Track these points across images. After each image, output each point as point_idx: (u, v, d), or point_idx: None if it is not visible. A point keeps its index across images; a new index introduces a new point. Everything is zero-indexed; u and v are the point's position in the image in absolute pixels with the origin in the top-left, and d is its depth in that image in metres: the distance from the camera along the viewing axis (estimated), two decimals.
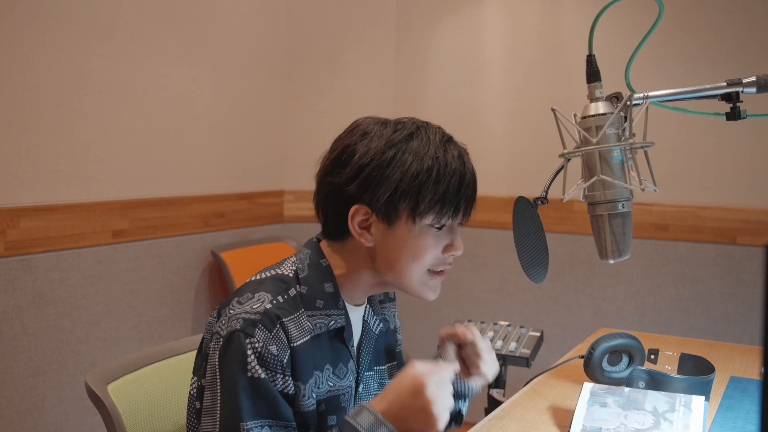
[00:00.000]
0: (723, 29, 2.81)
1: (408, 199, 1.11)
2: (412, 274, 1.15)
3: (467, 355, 1.27)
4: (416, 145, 1.12)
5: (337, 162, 1.16)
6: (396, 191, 1.11)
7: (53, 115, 2.35)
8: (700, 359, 1.51)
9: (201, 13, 2.90)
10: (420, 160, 1.11)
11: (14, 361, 2.26)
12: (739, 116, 1.20)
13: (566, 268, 3.13)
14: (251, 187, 3.28)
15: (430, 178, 1.11)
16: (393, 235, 1.13)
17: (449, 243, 1.17)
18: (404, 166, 1.11)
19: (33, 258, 2.31)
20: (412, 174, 1.11)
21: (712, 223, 2.87)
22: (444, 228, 1.15)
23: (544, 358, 2.92)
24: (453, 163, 1.13)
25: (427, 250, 1.14)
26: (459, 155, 1.15)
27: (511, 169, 3.24)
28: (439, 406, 1.02)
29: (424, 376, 1.03)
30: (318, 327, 1.13)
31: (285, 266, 1.18)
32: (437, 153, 1.12)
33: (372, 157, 1.12)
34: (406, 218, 1.12)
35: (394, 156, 1.11)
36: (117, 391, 1.25)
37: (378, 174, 1.11)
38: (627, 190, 1.21)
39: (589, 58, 1.24)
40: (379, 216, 1.13)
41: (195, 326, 2.95)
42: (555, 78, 3.11)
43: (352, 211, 1.13)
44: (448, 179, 1.12)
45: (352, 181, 1.13)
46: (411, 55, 3.45)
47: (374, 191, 1.12)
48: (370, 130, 1.15)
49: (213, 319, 1.15)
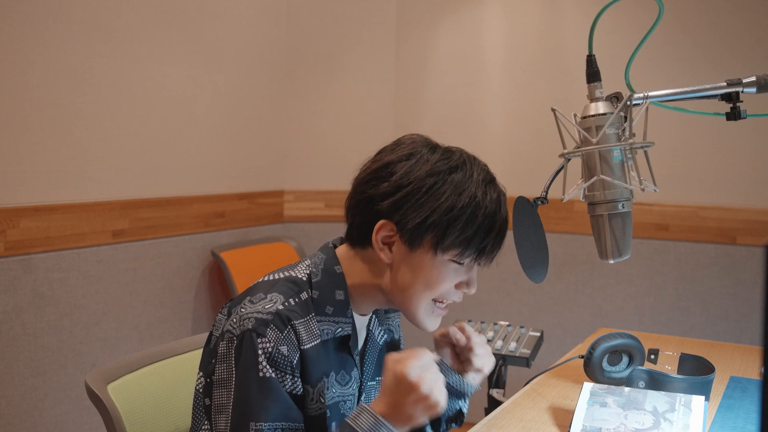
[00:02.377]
0: (723, 29, 2.81)
1: (435, 231, 1.11)
2: (420, 301, 1.15)
3: (461, 351, 1.28)
4: (458, 178, 1.12)
5: (377, 175, 1.15)
6: (425, 220, 1.11)
7: (53, 115, 2.35)
8: (700, 359, 1.51)
9: (201, 13, 2.90)
10: (458, 196, 1.11)
11: (14, 361, 2.26)
12: (739, 116, 1.20)
13: (566, 268, 3.13)
14: (251, 187, 3.28)
15: (462, 216, 1.11)
16: (413, 259, 1.13)
17: (465, 281, 1.17)
18: (441, 198, 1.11)
19: (33, 258, 2.31)
20: (447, 208, 1.11)
21: (712, 223, 2.87)
22: (464, 266, 1.15)
23: (544, 358, 2.92)
24: (489, 207, 1.13)
25: (442, 283, 1.14)
26: (497, 198, 1.15)
27: (511, 169, 3.24)
28: (427, 386, 1.02)
29: (402, 364, 1.03)
30: (325, 333, 1.14)
31: (299, 269, 1.18)
32: (477, 191, 1.12)
33: (412, 181, 1.12)
34: (429, 247, 1.12)
35: (433, 185, 1.11)
36: (117, 391, 1.25)
37: (413, 198, 1.11)
38: (627, 190, 1.21)
39: (589, 58, 1.24)
40: (403, 237, 1.13)
41: (195, 326, 2.95)
42: (555, 78, 3.11)
43: (378, 226, 1.14)
44: (480, 221, 1.12)
45: (386, 197, 1.13)
46: (411, 55, 3.45)
47: (405, 213, 1.12)
48: (417, 152, 1.15)
49: (223, 316, 1.15)
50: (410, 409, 1.03)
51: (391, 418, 1.04)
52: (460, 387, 1.28)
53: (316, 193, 3.49)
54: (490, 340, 2.03)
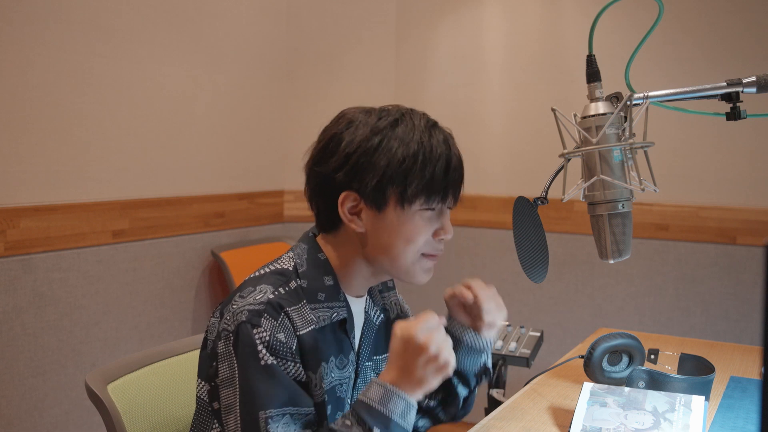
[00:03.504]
0: (723, 29, 2.81)
1: (395, 185, 1.12)
2: (406, 257, 1.16)
3: (471, 309, 1.28)
4: (401, 131, 1.14)
5: (324, 151, 1.17)
6: (383, 177, 1.12)
7: (53, 115, 2.35)
8: (700, 359, 1.51)
9: (201, 13, 2.90)
10: (406, 146, 1.12)
11: (14, 361, 2.26)
12: (739, 116, 1.20)
13: (566, 268, 3.13)
14: (251, 187, 3.28)
15: (416, 163, 1.12)
16: (383, 220, 1.14)
17: (439, 227, 1.17)
18: (390, 152, 1.12)
19: (33, 258, 2.31)
20: (399, 159, 1.12)
21: (712, 223, 2.87)
22: (434, 212, 1.16)
23: (544, 358, 2.92)
24: (439, 148, 1.14)
25: (419, 234, 1.15)
26: (444, 140, 1.16)
27: (511, 169, 3.24)
28: (435, 346, 1.03)
29: (410, 329, 1.04)
30: (321, 319, 1.14)
31: (283, 261, 1.19)
32: (422, 138, 1.13)
33: (358, 145, 1.13)
34: (395, 204, 1.13)
35: (380, 143, 1.12)
36: (117, 391, 1.25)
37: (365, 161, 1.12)
38: (627, 190, 1.21)
39: (589, 58, 1.24)
40: (368, 202, 1.14)
41: (195, 326, 2.95)
42: (555, 78, 3.11)
43: (341, 198, 1.14)
44: (434, 163, 1.13)
45: (339, 169, 1.14)
46: (411, 55, 3.45)
47: (362, 178, 1.13)
48: (356, 119, 1.16)
49: (215, 319, 1.15)
50: (421, 372, 1.03)
51: (402, 384, 1.04)
52: (477, 343, 1.28)
53: None
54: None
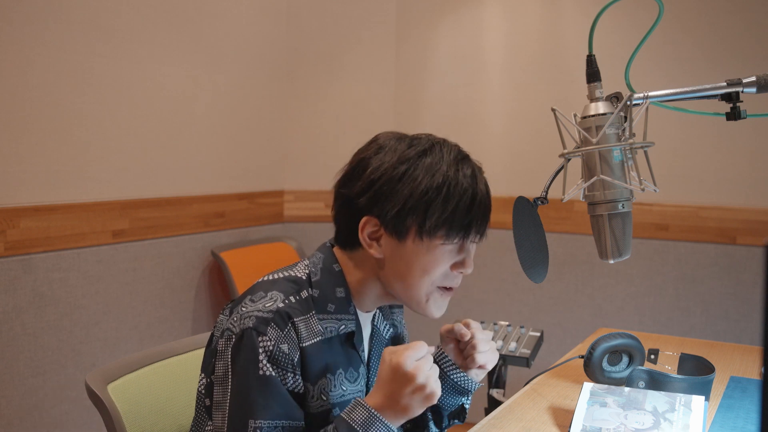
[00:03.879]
0: (723, 29, 2.81)
1: (416, 216, 1.11)
2: (421, 289, 1.15)
3: (465, 347, 1.27)
4: (429, 161, 1.12)
5: (352, 174, 1.16)
6: (404, 207, 1.11)
7: (53, 115, 2.35)
8: (700, 359, 1.51)
9: (201, 13, 2.90)
10: (431, 177, 1.11)
11: (14, 361, 2.26)
12: (739, 116, 1.20)
13: (566, 268, 3.13)
14: (251, 187, 3.28)
15: (439, 195, 1.10)
16: (403, 249, 1.13)
17: (459, 261, 1.16)
18: (414, 182, 1.11)
19: (33, 258, 2.31)
20: (421, 191, 1.10)
21: (712, 223, 2.87)
22: (455, 246, 1.15)
23: (544, 358, 2.92)
24: (464, 182, 1.12)
25: (436, 267, 1.14)
26: (472, 174, 1.14)
27: (511, 169, 3.24)
28: (423, 376, 1.03)
29: (398, 357, 1.04)
30: (329, 331, 1.14)
31: (298, 268, 1.19)
32: (449, 171, 1.12)
33: (384, 172, 1.12)
34: (415, 234, 1.12)
35: (405, 171, 1.11)
36: (117, 391, 1.25)
37: (388, 188, 1.11)
38: (627, 190, 1.21)
39: (589, 58, 1.24)
40: (388, 230, 1.13)
41: (195, 326, 2.95)
42: (555, 78, 3.11)
43: (362, 223, 1.14)
44: (458, 198, 1.11)
45: (363, 193, 1.13)
46: (411, 55, 3.45)
47: (383, 205, 1.12)
48: (386, 145, 1.15)
49: (224, 316, 1.15)
50: (407, 400, 1.03)
51: (386, 411, 1.04)
52: (463, 383, 1.28)
53: (316, 193, 3.49)
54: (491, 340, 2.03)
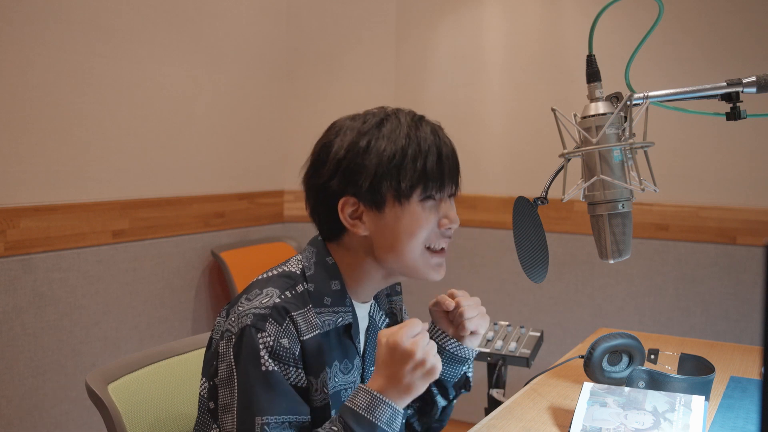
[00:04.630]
0: (723, 29, 2.81)
1: (390, 182, 1.13)
2: (413, 253, 1.16)
3: (454, 317, 1.28)
4: (388, 129, 1.14)
5: (317, 162, 1.18)
6: (376, 176, 1.12)
7: (53, 115, 2.35)
8: (700, 359, 1.51)
9: (201, 13, 2.90)
10: (394, 142, 1.13)
11: (14, 361, 2.26)
12: (739, 116, 1.20)
13: (566, 268, 3.13)
14: (251, 187, 3.28)
15: (406, 156, 1.13)
16: (384, 219, 1.14)
17: (443, 215, 1.17)
18: (379, 151, 1.13)
19: (33, 258, 2.31)
20: (388, 156, 1.12)
21: (712, 223, 2.87)
22: (434, 201, 1.16)
23: (544, 358, 2.92)
24: (427, 139, 1.15)
25: (421, 227, 1.15)
26: (432, 131, 1.17)
27: (511, 169, 3.24)
28: (421, 352, 1.03)
29: (394, 336, 1.04)
30: (327, 324, 1.14)
31: (291, 264, 1.20)
32: (409, 132, 1.14)
33: (347, 149, 1.14)
34: (393, 201, 1.14)
35: (368, 143, 1.13)
36: (117, 391, 1.25)
37: (355, 164, 1.13)
38: (627, 190, 1.21)
39: (589, 58, 1.24)
40: (366, 204, 1.14)
41: (195, 326, 2.95)
42: (555, 78, 3.11)
43: (340, 205, 1.15)
44: (424, 155, 1.13)
45: (333, 176, 1.15)
46: (411, 55, 3.45)
47: (355, 181, 1.13)
48: (343, 126, 1.17)
49: (222, 318, 1.16)
50: (408, 378, 1.04)
51: (389, 392, 1.04)
52: (459, 352, 1.28)
53: None
54: (490, 340, 2.03)
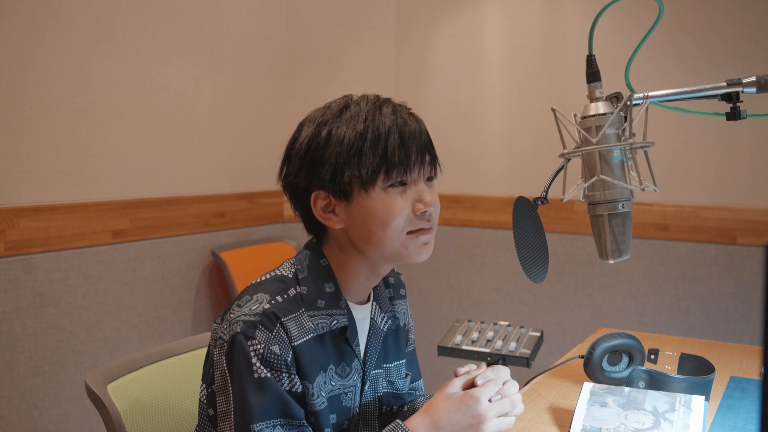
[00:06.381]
0: (723, 29, 2.81)
1: (351, 170, 1.09)
2: (390, 242, 1.11)
3: None
4: (348, 115, 1.11)
5: (286, 160, 1.17)
6: (337, 165, 1.09)
7: (53, 115, 2.35)
8: (700, 359, 1.51)
9: (201, 13, 2.90)
10: (353, 129, 1.09)
11: (14, 361, 2.26)
12: (739, 116, 1.20)
13: (566, 268, 3.13)
14: (251, 187, 3.28)
15: (365, 141, 1.08)
16: (355, 209, 1.11)
17: (416, 200, 1.12)
18: (339, 139, 1.09)
19: (33, 258, 2.31)
20: (348, 144, 1.09)
21: (712, 223, 2.87)
22: (404, 187, 1.12)
23: (544, 358, 2.92)
24: (387, 121, 1.10)
25: (394, 214, 1.10)
26: (393, 111, 1.12)
27: (511, 169, 3.24)
28: (489, 426, 1.05)
29: (477, 392, 1.05)
30: (320, 327, 1.12)
31: (284, 267, 1.18)
32: (368, 116, 1.10)
33: (309, 143, 1.12)
34: (359, 189, 1.10)
35: (328, 133, 1.10)
36: (117, 391, 1.25)
37: (317, 156, 1.11)
38: (627, 190, 1.21)
39: (589, 58, 1.24)
40: (335, 196, 1.11)
41: (195, 326, 2.95)
42: (555, 78, 3.11)
43: (312, 200, 1.13)
44: (384, 137, 1.09)
45: (299, 172, 1.13)
46: (411, 55, 3.45)
47: (319, 174, 1.11)
48: (306, 119, 1.16)
49: (217, 325, 1.15)
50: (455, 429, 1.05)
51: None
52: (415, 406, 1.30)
53: None
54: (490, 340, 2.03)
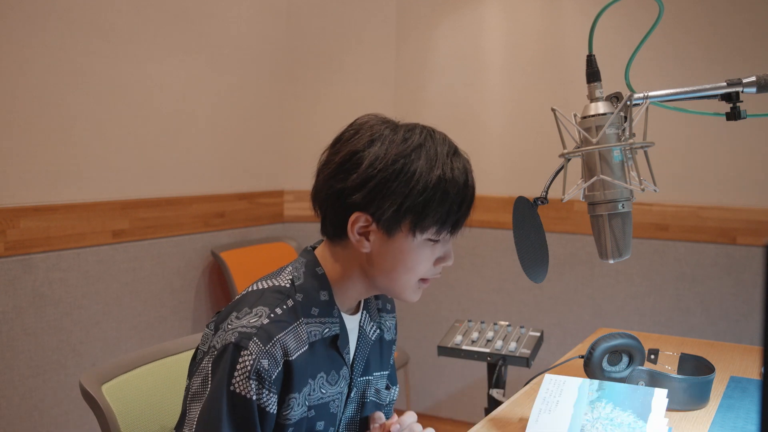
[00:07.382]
0: (723, 29, 2.81)
1: (412, 215, 1.11)
2: (405, 283, 1.16)
3: None
4: (424, 157, 1.11)
5: (343, 167, 1.13)
6: (401, 206, 1.10)
7: (53, 115, 2.35)
8: (700, 359, 1.51)
9: (201, 13, 2.90)
10: (428, 175, 1.10)
11: (14, 361, 2.26)
12: (739, 116, 1.20)
13: (566, 268, 3.13)
14: (251, 187, 3.28)
15: (435, 195, 1.10)
16: (391, 245, 1.13)
17: (442, 255, 1.17)
18: (412, 181, 1.10)
19: (33, 258, 2.30)
20: (419, 190, 1.10)
21: (712, 223, 2.87)
22: (439, 241, 1.16)
23: (544, 358, 2.92)
24: (460, 179, 1.12)
25: (421, 263, 1.15)
26: (464, 169, 1.14)
27: (511, 169, 3.24)
28: None
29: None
30: (313, 335, 1.12)
31: (282, 277, 1.17)
32: (444, 167, 1.11)
33: (381, 169, 1.10)
34: (407, 231, 1.12)
35: (401, 169, 1.10)
36: (111, 391, 1.25)
37: (385, 186, 1.10)
38: (627, 190, 1.21)
39: (589, 58, 1.24)
40: (379, 226, 1.12)
41: (195, 326, 2.95)
42: (555, 78, 3.11)
43: (352, 219, 1.12)
44: (452, 197, 1.12)
45: (357, 189, 1.11)
46: (411, 55, 3.45)
47: (380, 203, 1.10)
48: (377, 134, 1.12)
49: (210, 331, 1.14)
50: None
51: None
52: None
53: None
54: (490, 340, 2.03)
